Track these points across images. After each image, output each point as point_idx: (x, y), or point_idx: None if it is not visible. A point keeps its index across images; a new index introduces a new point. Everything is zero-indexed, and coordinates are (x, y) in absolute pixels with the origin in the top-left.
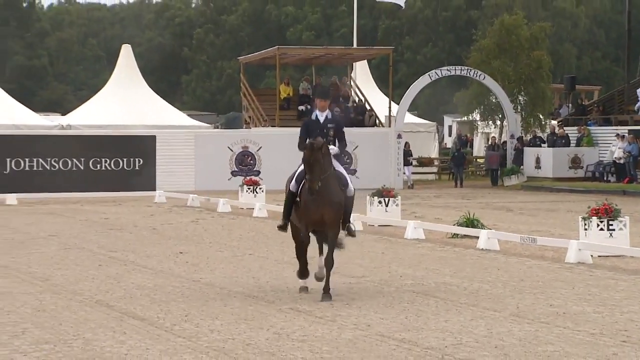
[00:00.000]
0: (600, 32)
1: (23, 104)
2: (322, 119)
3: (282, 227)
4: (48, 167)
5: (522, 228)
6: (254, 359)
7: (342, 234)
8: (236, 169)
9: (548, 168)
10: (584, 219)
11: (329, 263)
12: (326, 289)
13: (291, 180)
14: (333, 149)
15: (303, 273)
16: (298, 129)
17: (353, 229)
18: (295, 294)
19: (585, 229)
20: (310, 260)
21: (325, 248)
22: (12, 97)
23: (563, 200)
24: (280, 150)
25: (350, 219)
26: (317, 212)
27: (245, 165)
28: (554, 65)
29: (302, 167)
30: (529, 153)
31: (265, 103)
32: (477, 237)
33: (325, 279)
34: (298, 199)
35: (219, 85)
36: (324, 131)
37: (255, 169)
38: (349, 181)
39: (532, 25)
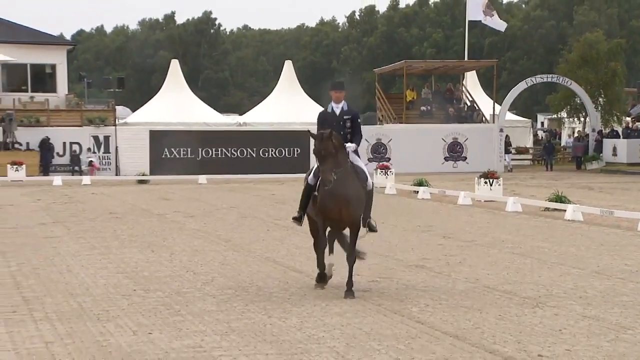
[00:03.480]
0: None
1: (211, 107)
2: (337, 111)
3: (297, 219)
4: (229, 155)
5: (601, 203)
6: (386, 304)
7: (363, 231)
8: (372, 156)
9: (623, 155)
10: None
11: (351, 260)
12: (349, 286)
13: (309, 175)
14: (350, 146)
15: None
16: (421, 126)
17: (374, 224)
18: (419, 254)
19: None
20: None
21: (336, 246)
22: (203, 102)
23: (636, 181)
24: (406, 141)
25: (371, 214)
26: (334, 208)
27: (379, 153)
28: (628, 72)
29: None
30: (607, 143)
31: (395, 105)
32: (565, 210)
33: (348, 275)
34: (316, 193)
35: (360, 90)
36: (340, 123)
37: (386, 156)
38: (367, 175)
39: (610, 41)
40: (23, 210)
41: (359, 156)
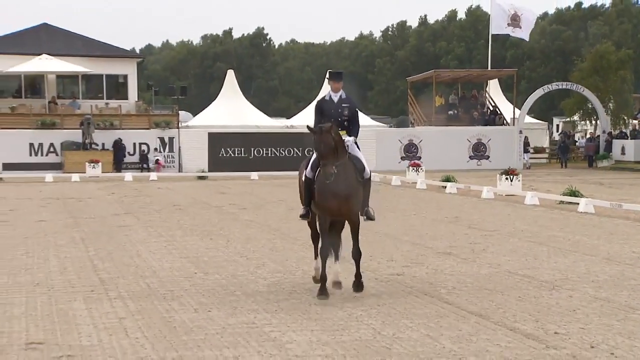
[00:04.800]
0: None
1: (262, 111)
2: (335, 99)
3: (305, 216)
4: (278, 154)
5: (611, 197)
6: (417, 287)
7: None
8: (404, 155)
9: (631, 154)
10: None
11: (357, 255)
12: (358, 278)
13: (305, 168)
14: (348, 139)
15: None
16: (448, 128)
17: (372, 213)
18: (447, 242)
19: None
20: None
21: (341, 250)
22: (255, 107)
23: None
24: (435, 142)
25: (369, 203)
26: (334, 202)
27: (411, 152)
28: (636, 80)
29: (315, 155)
30: (617, 143)
31: (425, 109)
32: (578, 203)
33: (356, 269)
34: (315, 187)
35: (394, 97)
36: (338, 111)
37: (417, 155)
38: (365, 165)
39: (619, 51)
40: (99, 203)
41: (358, 147)
